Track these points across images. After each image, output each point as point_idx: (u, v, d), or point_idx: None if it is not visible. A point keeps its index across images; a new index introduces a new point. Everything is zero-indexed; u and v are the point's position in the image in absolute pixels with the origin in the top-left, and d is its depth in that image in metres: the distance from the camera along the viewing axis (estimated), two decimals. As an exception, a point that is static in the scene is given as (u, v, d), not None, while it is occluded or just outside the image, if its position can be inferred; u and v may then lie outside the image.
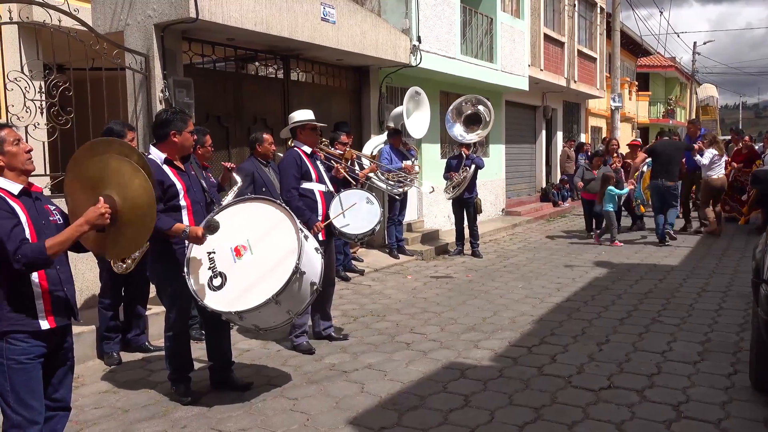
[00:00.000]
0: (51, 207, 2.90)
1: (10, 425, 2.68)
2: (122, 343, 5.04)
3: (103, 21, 6.51)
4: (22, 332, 2.68)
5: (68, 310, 2.84)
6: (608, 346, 5.01)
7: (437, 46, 10.27)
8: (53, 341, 2.80)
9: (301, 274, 3.78)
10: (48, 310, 2.74)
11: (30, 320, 2.69)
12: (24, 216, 2.68)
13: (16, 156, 2.74)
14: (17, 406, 2.67)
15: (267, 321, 3.89)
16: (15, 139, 2.76)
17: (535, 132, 16.91)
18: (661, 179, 9.99)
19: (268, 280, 3.73)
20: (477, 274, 8.11)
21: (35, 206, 2.78)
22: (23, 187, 2.75)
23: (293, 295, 3.80)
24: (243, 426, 3.71)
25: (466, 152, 8.94)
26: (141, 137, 6.30)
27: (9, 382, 2.67)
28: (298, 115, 5.06)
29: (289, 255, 3.78)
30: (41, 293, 2.73)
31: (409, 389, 4.22)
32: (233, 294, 3.73)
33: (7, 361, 2.66)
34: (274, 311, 3.78)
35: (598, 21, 19.29)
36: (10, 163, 2.73)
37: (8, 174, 2.74)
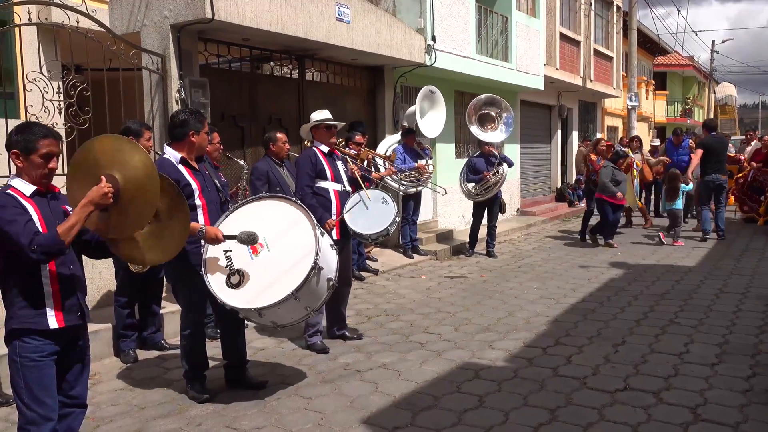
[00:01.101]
0: (68, 207, 2.90)
1: (25, 421, 2.71)
2: (138, 341, 5.08)
3: (120, 22, 6.57)
4: (33, 331, 2.70)
5: (78, 310, 2.86)
6: (624, 348, 4.97)
7: (452, 45, 10.25)
8: (65, 340, 2.82)
9: (319, 269, 3.80)
10: (58, 310, 2.75)
11: (40, 319, 2.71)
12: (36, 215, 2.69)
13: (36, 169, 2.73)
14: (31, 403, 2.70)
15: (285, 317, 3.91)
16: (47, 153, 2.73)
17: (550, 131, 16.81)
18: (715, 174, 10.06)
19: (287, 276, 3.75)
20: (491, 275, 8.08)
21: (49, 205, 2.79)
22: (36, 188, 2.76)
23: (311, 290, 3.82)
24: (257, 424, 3.73)
25: (497, 152, 8.91)
26: (157, 137, 6.36)
27: (23, 380, 2.70)
28: (315, 115, 5.10)
29: (307, 251, 3.81)
30: (51, 293, 2.74)
31: (423, 389, 4.21)
32: (252, 291, 3.75)
33: (21, 359, 2.70)
34: (293, 307, 3.80)
35: (614, 20, 19.13)
36: (27, 171, 2.74)
37: (24, 177, 2.75)
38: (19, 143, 2.71)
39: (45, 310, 2.72)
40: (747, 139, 13.62)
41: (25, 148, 2.70)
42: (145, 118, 6.41)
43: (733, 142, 16.16)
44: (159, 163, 4.00)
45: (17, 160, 2.72)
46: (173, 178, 3.81)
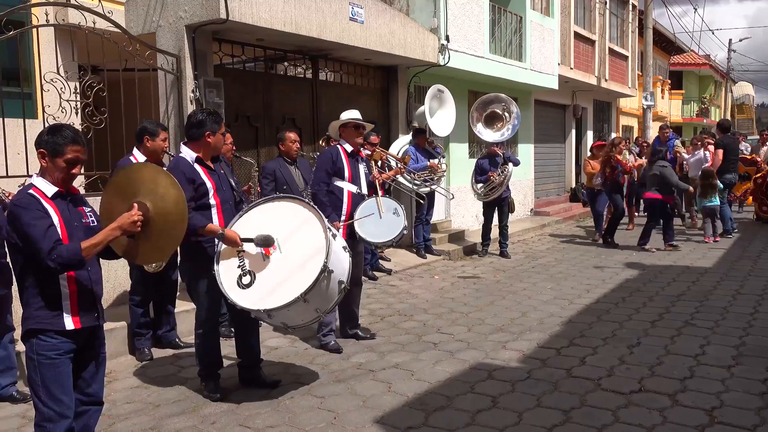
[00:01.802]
0: (86, 209, 2.92)
1: (42, 418, 2.74)
2: (153, 339, 5.12)
3: (135, 23, 6.62)
4: (50, 330, 2.73)
5: (95, 311, 2.88)
6: (639, 349, 4.93)
7: (466, 45, 10.22)
8: (81, 339, 2.84)
9: (329, 272, 3.79)
10: (74, 311, 2.78)
11: (56, 320, 2.74)
12: (57, 217, 2.72)
13: (60, 172, 2.76)
14: (48, 400, 2.73)
15: (295, 319, 3.92)
16: (73, 158, 2.75)
17: (564, 131, 16.71)
18: (734, 173, 10.38)
19: (297, 278, 3.75)
20: (505, 275, 8.05)
21: (68, 208, 2.81)
22: (58, 190, 2.78)
23: (321, 293, 3.82)
24: (271, 423, 3.74)
25: (501, 152, 8.87)
26: (172, 137, 6.40)
27: (40, 377, 2.73)
28: (344, 114, 5.13)
29: (317, 253, 3.81)
30: (68, 294, 2.77)
31: (436, 389, 4.20)
32: (262, 292, 3.76)
33: (38, 357, 2.72)
34: (303, 309, 3.81)
35: (630, 18, 18.97)
36: (50, 172, 2.77)
37: (47, 177, 2.78)
38: (47, 144, 2.74)
39: (62, 311, 2.75)
40: (762, 139, 13.47)
41: (52, 150, 2.73)
42: (160, 118, 6.46)
43: (750, 141, 15.99)
44: (175, 162, 4.03)
45: (42, 160, 2.75)
46: (188, 177, 3.86)
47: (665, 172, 9.39)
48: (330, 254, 3.79)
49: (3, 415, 3.92)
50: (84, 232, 2.82)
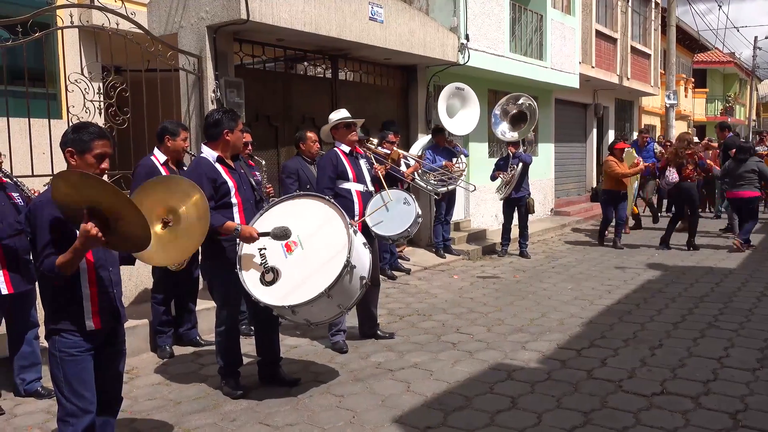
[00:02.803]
0: None
1: (65, 413, 2.78)
2: (174, 337, 5.18)
3: (158, 24, 6.70)
4: (71, 330, 2.76)
5: (115, 311, 2.90)
6: (661, 351, 4.87)
7: (486, 44, 10.18)
8: (102, 337, 2.87)
9: (352, 267, 3.82)
10: (95, 312, 2.80)
11: (77, 320, 2.76)
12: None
13: (89, 167, 2.77)
14: (71, 396, 2.77)
15: (318, 315, 3.94)
16: (101, 154, 2.78)
17: (585, 130, 16.56)
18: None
19: (320, 274, 3.77)
20: (525, 275, 8.01)
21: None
22: None
23: (344, 289, 3.84)
24: (290, 421, 3.76)
25: (513, 150, 8.82)
26: (193, 137, 6.46)
27: (62, 373, 2.76)
28: (333, 115, 5.09)
29: (340, 249, 3.83)
30: (89, 295, 2.79)
31: (455, 389, 4.19)
32: (285, 289, 3.79)
33: (60, 353, 2.76)
34: (326, 305, 3.83)
35: (652, 16, 18.74)
36: (80, 168, 2.76)
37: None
38: (74, 142, 2.75)
39: (82, 311, 2.77)
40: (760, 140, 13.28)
41: (80, 148, 2.75)
42: (182, 118, 6.52)
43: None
44: (196, 162, 4.06)
45: (71, 159, 2.76)
46: (209, 177, 3.89)
47: (763, 167, 9.12)
48: (352, 249, 3.80)
49: (28, 410, 3.99)
50: None
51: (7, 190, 4.05)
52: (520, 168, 8.78)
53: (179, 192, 3.02)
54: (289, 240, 3.88)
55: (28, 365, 4.17)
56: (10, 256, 3.93)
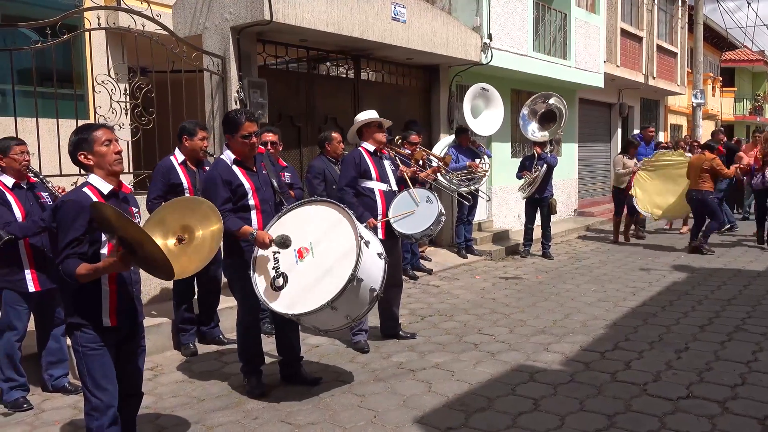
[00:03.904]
0: (135, 209, 2.99)
1: (90, 407, 2.83)
2: (198, 335, 5.23)
3: (183, 25, 6.78)
4: (89, 325, 2.81)
5: (132, 309, 2.94)
6: (687, 354, 4.79)
7: (509, 43, 10.11)
8: (120, 334, 2.92)
9: (359, 281, 3.74)
10: (113, 309, 2.84)
11: (94, 317, 2.81)
12: None
13: (104, 156, 2.83)
14: (95, 390, 2.82)
15: (326, 324, 3.93)
16: (107, 140, 2.84)
17: (610, 130, 16.36)
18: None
19: (326, 284, 3.74)
20: (547, 276, 7.94)
21: (121, 208, 2.84)
22: (112, 188, 2.85)
23: (350, 301, 3.79)
24: (312, 420, 3.77)
25: (538, 151, 8.75)
26: (217, 137, 6.53)
27: (86, 368, 2.82)
28: (362, 115, 5.09)
29: (347, 260, 3.77)
30: (108, 292, 2.83)
31: (477, 390, 4.17)
32: (293, 296, 3.78)
33: (82, 348, 2.82)
34: (331, 316, 3.80)
35: (679, 14, 18.45)
36: (99, 163, 2.84)
37: (98, 172, 2.85)
38: (82, 143, 2.81)
39: (100, 308, 2.82)
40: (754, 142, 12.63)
41: (88, 146, 2.81)
42: (206, 118, 6.59)
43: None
44: (214, 164, 4.10)
45: (86, 160, 2.83)
46: (225, 179, 3.91)
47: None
48: (359, 263, 3.72)
49: (56, 406, 4.06)
50: None
51: (36, 189, 4.13)
52: (545, 169, 8.71)
53: (202, 215, 3.14)
54: (301, 246, 3.87)
55: (56, 361, 4.24)
56: (37, 254, 4.01)
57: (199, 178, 4.94)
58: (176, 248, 3.07)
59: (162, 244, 3.01)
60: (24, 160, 4.02)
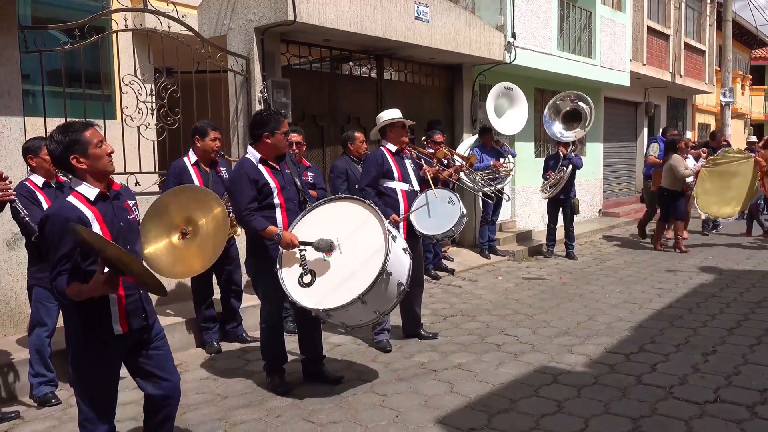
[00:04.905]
0: (131, 203, 2.87)
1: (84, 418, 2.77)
2: (221, 333, 5.28)
3: (207, 26, 6.85)
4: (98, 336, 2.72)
5: (142, 312, 2.83)
6: (715, 357, 4.71)
7: (533, 42, 10.04)
8: (132, 339, 2.82)
9: (388, 275, 3.77)
10: (122, 315, 2.74)
11: (105, 325, 2.71)
12: (97, 223, 2.65)
13: (99, 159, 2.68)
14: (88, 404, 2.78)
15: (354, 319, 3.94)
16: (98, 141, 2.68)
17: (636, 130, 16.15)
18: None
19: (356, 279, 3.76)
20: (571, 277, 7.86)
21: (113, 207, 2.75)
22: (99, 191, 2.70)
23: (380, 295, 3.81)
24: (334, 419, 3.79)
25: (564, 151, 8.66)
26: (240, 137, 6.58)
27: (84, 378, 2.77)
28: (387, 114, 5.08)
29: (376, 256, 3.80)
30: (116, 299, 2.71)
31: (499, 391, 4.15)
32: (322, 292, 3.80)
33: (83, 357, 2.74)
34: (361, 310, 3.82)
35: (707, 11, 18.14)
36: (94, 167, 2.68)
37: (88, 177, 2.68)
38: (74, 146, 2.63)
39: (110, 316, 2.71)
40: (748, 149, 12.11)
41: (81, 149, 2.64)
42: (230, 118, 6.65)
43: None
44: (239, 163, 4.13)
45: (79, 164, 2.65)
46: (252, 178, 3.94)
47: None
48: (389, 256, 3.76)
49: (83, 401, 4.13)
50: (133, 229, 2.82)
51: (65, 188, 4.20)
52: (570, 170, 8.62)
53: (204, 204, 3.01)
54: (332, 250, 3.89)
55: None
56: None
57: (212, 179, 4.98)
58: (181, 243, 3.00)
59: (166, 242, 2.95)
60: (53, 159, 4.09)
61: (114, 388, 2.84)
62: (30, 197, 3.96)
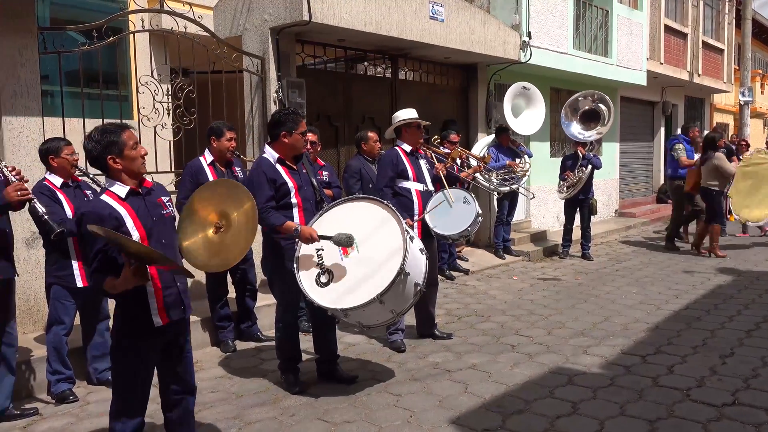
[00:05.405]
0: (164, 199, 2.94)
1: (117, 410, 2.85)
2: (236, 332, 5.31)
3: (223, 26, 6.89)
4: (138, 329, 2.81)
5: (180, 304, 2.92)
6: (733, 360, 4.65)
7: (548, 41, 9.98)
8: (170, 333, 2.91)
9: (406, 275, 3.78)
10: (161, 307, 2.82)
11: (145, 319, 2.79)
12: (131, 219, 2.74)
13: (134, 160, 2.78)
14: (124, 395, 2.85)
15: (371, 319, 3.95)
16: (134, 143, 2.79)
17: (652, 129, 16.00)
18: None
19: (374, 279, 3.77)
20: (587, 277, 7.81)
21: (145, 203, 2.83)
22: (130, 188, 2.79)
23: (397, 295, 3.82)
24: (348, 418, 3.79)
25: (582, 152, 8.59)
26: (256, 136, 6.61)
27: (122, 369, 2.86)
28: (402, 114, 5.07)
29: (395, 255, 3.81)
30: (153, 291, 2.79)
31: (514, 392, 4.13)
32: (339, 291, 3.81)
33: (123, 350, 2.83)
34: (378, 310, 3.82)
35: (726, 9, 17.92)
36: (128, 167, 2.78)
37: (123, 177, 2.78)
38: (112, 146, 2.73)
39: (149, 308, 2.79)
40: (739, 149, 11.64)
41: (118, 149, 2.74)
42: (245, 118, 6.69)
43: None
44: (257, 162, 4.15)
45: (115, 164, 2.75)
46: (269, 177, 3.96)
47: None
48: (407, 256, 3.77)
49: (100, 398, 4.17)
50: (168, 224, 2.90)
51: (82, 188, 4.25)
52: (590, 171, 8.56)
53: (235, 198, 3.08)
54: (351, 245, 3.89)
55: (100, 355, 4.36)
56: (85, 250, 4.12)
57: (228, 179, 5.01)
58: (216, 237, 3.08)
59: (201, 236, 3.03)
60: (74, 159, 4.15)
61: (149, 381, 2.91)
62: (51, 196, 4.01)
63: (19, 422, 3.84)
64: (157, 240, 2.80)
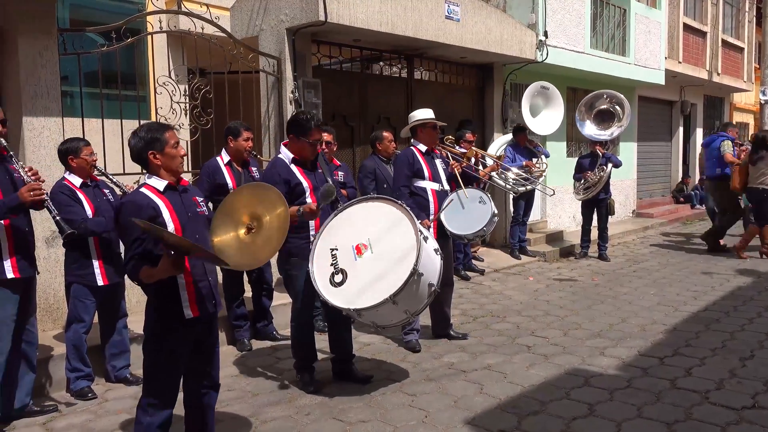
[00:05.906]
0: (198, 198, 3.05)
1: (147, 403, 2.89)
2: (252, 331, 5.33)
3: (240, 27, 6.93)
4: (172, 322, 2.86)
5: (211, 298, 2.98)
6: (753, 362, 4.59)
7: (565, 40, 9.91)
8: (200, 326, 2.96)
9: (419, 275, 3.78)
10: (192, 300, 2.88)
11: (176, 310, 2.85)
12: (167, 211, 2.83)
13: (173, 159, 2.89)
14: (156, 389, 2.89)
15: (385, 319, 3.95)
16: (175, 142, 2.90)
17: (671, 129, 15.83)
18: None
19: (387, 279, 3.77)
20: (604, 278, 7.75)
21: (182, 199, 2.93)
22: (168, 183, 2.90)
23: (411, 295, 3.81)
24: (363, 418, 3.80)
25: (602, 151, 8.51)
26: (272, 136, 6.65)
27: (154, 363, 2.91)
28: (419, 114, 5.07)
29: (408, 256, 3.80)
30: (185, 284, 2.86)
31: (530, 393, 4.11)
32: (353, 291, 3.81)
33: (156, 344, 2.89)
34: (392, 310, 3.82)
35: (746, 7, 17.68)
36: (167, 165, 2.89)
37: (162, 173, 2.90)
38: (154, 143, 2.85)
39: (181, 301, 2.86)
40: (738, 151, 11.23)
41: (159, 146, 2.86)
42: (261, 118, 6.72)
43: None
44: (272, 163, 4.17)
45: (155, 160, 2.87)
46: (284, 178, 3.98)
47: None
48: (420, 257, 3.76)
49: (118, 396, 4.22)
50: (201, 222, 2.97)
51: (101, 187, 4.30)
52: (610, 170, 8.48)
53: (267, 201, 3.13)
54: (359, 242, 3.89)
55: (118, 353, 4.41)
56: (105, 248, 4.17)
57: (245, 179, 5.04)
58: (248, 238, 3.12)
59: (233, 235, 3.08)
60: (93, 160, 4.19)
61: (179, 375, 2.96)
62: (72, 196, 4.06)
63: (39, 419, 3.89)
64: (191, 235, 2.85)
